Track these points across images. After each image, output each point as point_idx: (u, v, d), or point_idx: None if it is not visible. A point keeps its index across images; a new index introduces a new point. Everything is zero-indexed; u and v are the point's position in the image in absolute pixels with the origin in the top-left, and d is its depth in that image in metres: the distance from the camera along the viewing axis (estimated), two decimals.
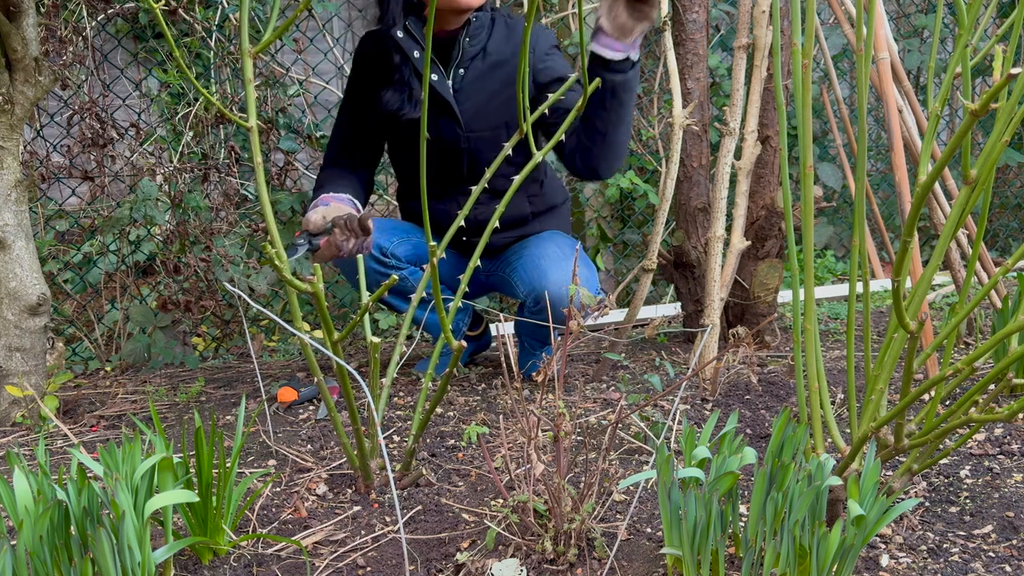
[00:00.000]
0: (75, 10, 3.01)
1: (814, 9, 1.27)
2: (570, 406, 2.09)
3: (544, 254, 2.19)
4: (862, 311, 1.44)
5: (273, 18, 1.48)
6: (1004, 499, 1.56)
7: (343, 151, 2.28)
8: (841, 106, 2.66)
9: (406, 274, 2.27)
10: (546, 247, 2.21)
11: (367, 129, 2.26)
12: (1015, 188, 4.53)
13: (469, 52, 2.15)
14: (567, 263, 2.15)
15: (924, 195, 1.10)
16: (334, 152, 2.29)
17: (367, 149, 2.29)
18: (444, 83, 2.17)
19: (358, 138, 2.27)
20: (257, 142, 1.49)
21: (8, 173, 2.07)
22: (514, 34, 2.19)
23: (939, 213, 2.31)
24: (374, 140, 2.28)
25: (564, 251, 2.20)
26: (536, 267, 2.16)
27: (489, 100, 2.16)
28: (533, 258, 2.19)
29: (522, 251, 2.25)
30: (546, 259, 2.17)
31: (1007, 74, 0.98)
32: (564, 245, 2.24)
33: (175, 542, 1.33)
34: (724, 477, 1.24)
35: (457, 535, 1.49)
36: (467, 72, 2.17)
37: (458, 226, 1.61)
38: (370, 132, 2.26)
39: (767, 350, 2.58)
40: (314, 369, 1.60)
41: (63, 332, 2.97)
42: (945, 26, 4.30)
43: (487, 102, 2.16)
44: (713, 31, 3.76)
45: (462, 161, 2.20)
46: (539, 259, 2.18)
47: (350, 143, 2.28)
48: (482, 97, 2.16)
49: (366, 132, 2.26)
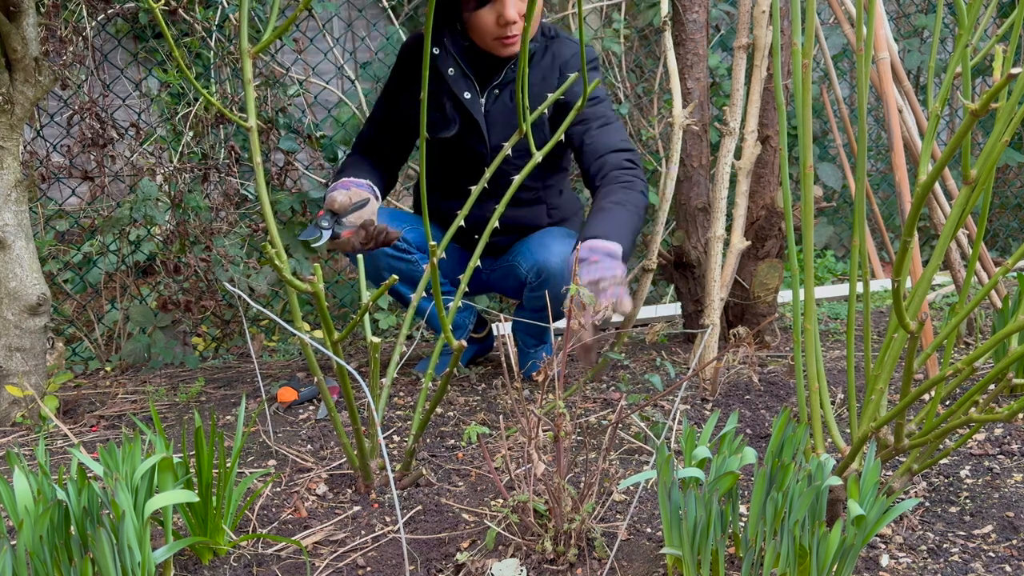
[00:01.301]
0: (75, 10, 3.01)
1: (814, 9, 1.27)
2: (570, 406, 2.09)
3: (547, 233, 2.24)
4: (862, 311, 1.44)
5: (273, 18, 1.48)
6: (1004, 499, 1.56)
7: (372, 141, 2.30)
8: (841, 106, 2.66)
9: (417, 258, 2.29)
10: (549, 230, 2.26)
11: (397, 125, 2.27)
12: (1015, 188, 4.53)
13: (510, 75, 2.15)
14: (569, 242, 2.17)
15: (924, 195, 1.10)
16: (363, 140, 2.32)
17: (395, 144, 2.30)
18: (476, 101, 2.18)
19: (387, 133, 2.29)
20: (257, 142, 1.49)
21: (8, 173, 2.07)
22: (548, 55, 2.17)
23: (939, 213, 2.31)
24: (403, 137, 2.30)
25: (566, 235, 2.24)
26: (540, 243, 2.20)
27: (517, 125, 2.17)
28: (536, 237, 2.24)
29: (528, 239, 2.28)
30: (550, 236, 2.21)
31: (1007, 74, 0.98)
32: (566, 232, 2.27)
33: (175, 542, 1.33)
34: (724, 477, 1.24)
35: (457, 535, 1.49)
36: (501, 94, 2.17)
37: (458, 225, 1.62)
38: (399, 128, 2.27)
39: (767, 350, 2.58)
40: (314, 369, 1.60)
41: (63, 332, 2.97)
42: (945, 26, 4.30)
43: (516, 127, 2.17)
44: (713, 31, 3.76)
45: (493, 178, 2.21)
46: (543, 236, 2.22)
47: (379, 135, 2.29)
48: (512, 121, 2.15)
49: (395, 128, 2.27)
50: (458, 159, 2.22)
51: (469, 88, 2.17)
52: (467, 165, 2.19)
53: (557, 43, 2.19)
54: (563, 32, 2.24)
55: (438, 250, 1.46)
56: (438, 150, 2.23)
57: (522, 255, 2.24)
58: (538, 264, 2.16)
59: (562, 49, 2.18)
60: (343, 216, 2.00)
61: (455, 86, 2.16)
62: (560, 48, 2.18)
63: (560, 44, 2.19)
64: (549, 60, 2.17)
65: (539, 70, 2.16)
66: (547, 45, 2.18)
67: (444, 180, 2.27)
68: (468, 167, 2.18)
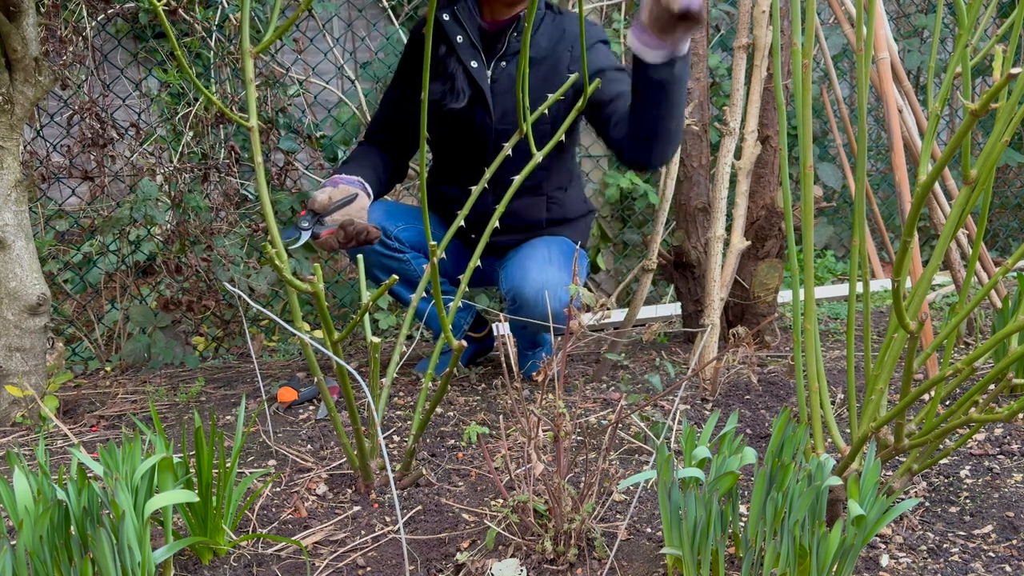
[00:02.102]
0: (75, 10, 3.01)
1: (814, 9, 1.27)
2: (570, 406, 2.09)
3: (533, 255, 2.16)
4: (862, 311, 1.44)
5: (274, 18, 1.49)
6: (1004, 499, 1.56)
7: (380, 129, 2.29)
8: (841, 106, 2.66)
9: (409, 258, 2.27)
10: (537, 249, 2.19)
11: (407, 112, 2.24)
12: (1015, 188, 4.53)
13: (514, 46, 2.12)
14: (552, 268, 2.11)
15: (924, 195, 1.10)
16: (373, 128, 2.31)
17: (403, 133, 2.27)
18: (483, 72, 2.14)
19: (396, 121, 2.27)
20: (257, 142, 1.49)
21: (8, 173, 2.07)
22: (556, 30, 2.14)
23: (939, 213, 2.31)
24: (415, 117, 2.23)
25: (554, 255, 2.16)
26: (520, 266, 2.14)
27: None
28: (521, 258, 2.17)
29: (518, 250, 2.23)
30: (532, 260, 2.14)
31: (1007, 74, 0.98)
32: (558, 251, 2.20)
33: (175, 542, 1.33)
34: (724, 477, 1.24)
35: (457, 535, 1.49)
36: (507, 66, 2.13)
37: (459, 224, 1.61)
38: (409, 114, 2.23)
39: (767, 350, 2.58)
40: (314, 369, 1.60)
41: (63, 332, 2.97)
42: (945, 26, 4.30)
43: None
44: (713, 31, 3.76)
45: (487, 153, 2.14)
46: (525, 259, 2.15)
47: (388, 123, 2.28)
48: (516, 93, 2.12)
49: (405, 115, 2.25)
50: (461, 135, 2.17)
51: (476, 58, 2.14)
52: (470, 142, 2.16)
53: (566, 18, 2.16)
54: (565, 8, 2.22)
55: (438, 250, 1.46)
56: (441, 127, 2.18)
57: (504, 271, 2.20)
58: (513, 289, 2.11)
59: (572, 25, 2.15)
60: (324, 215, 1.99)
61: (463, 53, 2.14)
62: (570, 24, 2.15)
63: (569, 19, 2.16)
64: (559, 32, 2.14)
65: (546, 38, 2.13)
66: (554, 17, 2.16)
67: (444, 162, 2.24)
68: (471, 144, 2.15)
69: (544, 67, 2.12)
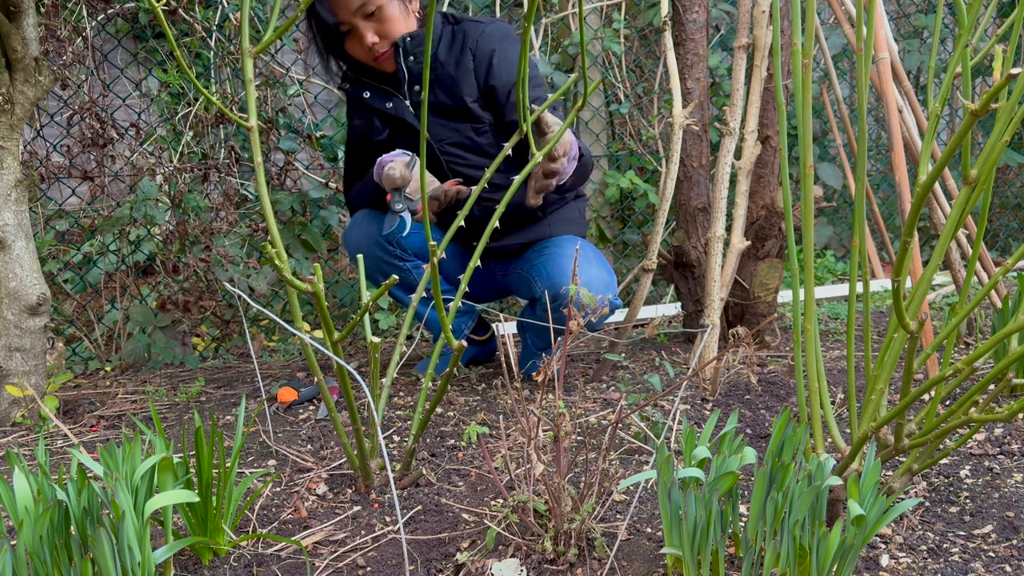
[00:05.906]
0: (75, 10, 3.01)
1: (814, 9, 1.27)
2: (570, 406, 2.09)
3: (566, 254, 2.24)
4: (862, 311, 1.44)
5: (273, 18, 1.49)
6: (1004, 499, 1.56)
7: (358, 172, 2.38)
8: (841, 106, 2.67)
9: (411, 266, 2.28)
10: (569, 250, 2.26)
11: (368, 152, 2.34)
12: (1015, 188, 4.53)
13: (416, 70, 2.20)
14: (587, 267, 2.18)
15: (924, 195, 1.10)
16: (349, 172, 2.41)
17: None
18: (402, 105, 2.24)
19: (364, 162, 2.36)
20: (257, 142, 1.49)
21: (8, 173, 2.07)
22: (456, 40, 2.22)
23: (939, 213, 2.31)
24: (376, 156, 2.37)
25: (586, 255, 2.23)
26: (557, 265, 2.19)
27: (442, 113, 2.22)
28: (556, 257, 2.23)
29: (544, 250, 2.27)
30: (568, 260, 2.22)
31: (1007, 74, 0.98)
32: (586, 250, 2.26)
33: (175, 542, 1.33)
34: (724, 477, 1.24)
35: (457, 535, 1.49)
36: (420, 88, 2.21)
37: (458, 226, 1.61)
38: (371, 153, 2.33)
39: (767, 350, 2.58)
40: (314, 369, 1.60)
41: (63, 332, 2.97)
42: (945, 26, 4.30)
43: (441, 114, 2.22)
44: (713, 31, 3.77)
45: (444, 167, 2.25)
46: (561, 258, 2.21)
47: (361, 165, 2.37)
48: (436, 112, 2.22)
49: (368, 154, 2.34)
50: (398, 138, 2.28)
51: (391, 98, 2.25)
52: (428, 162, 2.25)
53: (463, 27, 2.25)
54: (464, 16, 2.30)
55: (438, 250, 1.46)
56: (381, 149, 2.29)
57: (538, 270, 2.24)
58: (555, 288, 2.16)
59: (470, 31, 2.24)
60: (407, 189, 2.10)
61: (375, 104, 2.26)
62: (468, 30, 2.24)
63: (467, 26, 2.24)
64: (459, 43, 2.22)
65: (451, 55, 2.21)
66: (453, 31, 2.24)
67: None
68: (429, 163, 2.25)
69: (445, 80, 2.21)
